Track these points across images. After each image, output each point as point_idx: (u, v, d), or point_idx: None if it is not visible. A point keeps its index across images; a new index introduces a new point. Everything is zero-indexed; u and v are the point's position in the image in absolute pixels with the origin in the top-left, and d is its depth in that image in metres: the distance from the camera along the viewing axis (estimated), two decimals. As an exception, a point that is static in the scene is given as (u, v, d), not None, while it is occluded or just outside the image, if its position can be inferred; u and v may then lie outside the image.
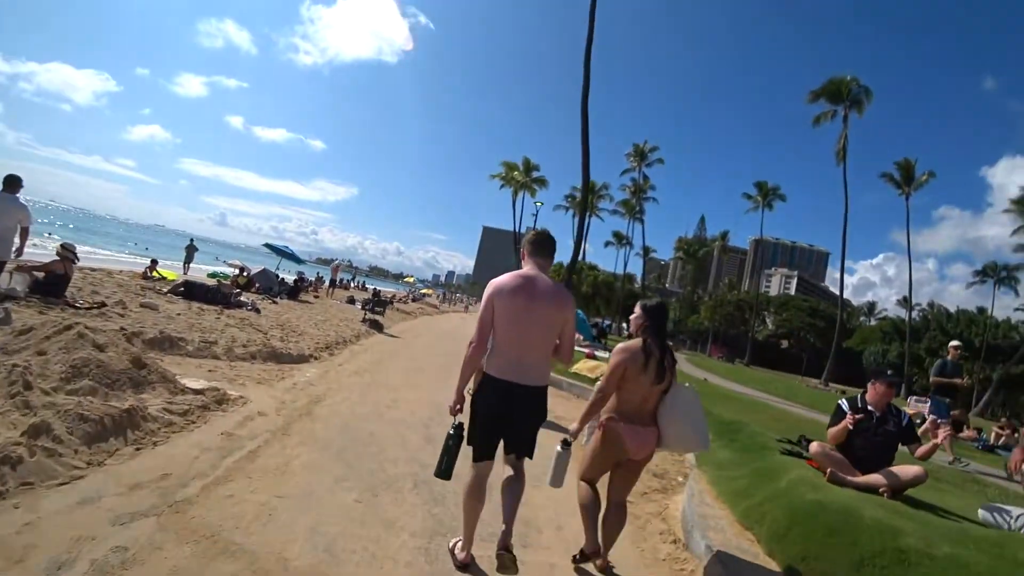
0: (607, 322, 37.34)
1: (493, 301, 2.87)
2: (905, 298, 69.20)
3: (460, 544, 2.98)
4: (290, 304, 16.52)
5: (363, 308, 15.95)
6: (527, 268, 3.00)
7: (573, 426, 3.21)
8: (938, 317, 59.84)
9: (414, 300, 41.03)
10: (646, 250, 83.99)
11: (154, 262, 15.19)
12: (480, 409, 2.94)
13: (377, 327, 15.07)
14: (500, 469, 3.06)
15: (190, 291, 11.30)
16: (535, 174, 52.81)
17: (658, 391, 3.16)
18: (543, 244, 3.06)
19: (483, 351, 2.90)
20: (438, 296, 58.98)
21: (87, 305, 7.77)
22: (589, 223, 63.57)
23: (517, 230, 53.55)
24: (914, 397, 15.94)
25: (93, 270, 13.45)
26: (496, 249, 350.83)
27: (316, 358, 8.54)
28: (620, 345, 3.22)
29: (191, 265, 22.72)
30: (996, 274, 55.07)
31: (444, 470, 2.91)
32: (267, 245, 21.08)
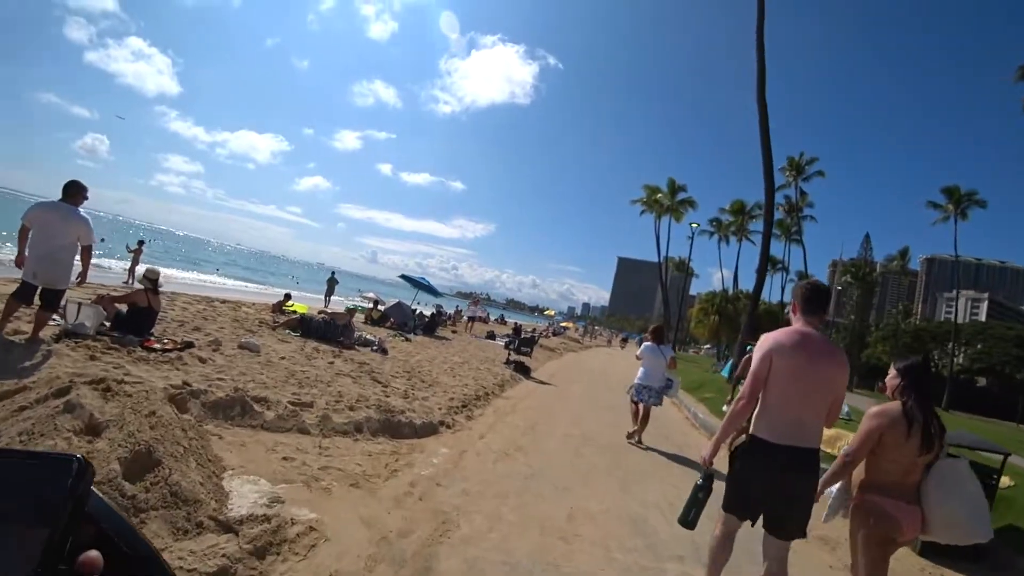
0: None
1: (772, 357, 2.69)
2: None
3: None
4: (425, 341, 14.64)
5: (507, 347, 13.59)
6: (800, 324, 2.81)
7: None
8: None
9: (555, 335, 38.58)
10: (802, 276, 75.00)
11: (287, 296, 14.06)
12: (745, 474, 2.75)
13: (523, 371, 12.58)
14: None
15: (307, 327, 9.58)
16: (681, 195, 48.57)
17: (923, 463, 2.75)
18: (818, 300, 2.85)
19: (753, 407, 2.75)
20: (579, 330, 56.05)
21: (168, 346, 6.01)
22: (740, 245, 57.60)
23: (664, 256, 49.49)
24: None
25: (224, 302, 12.48)
26: (631, 280, 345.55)
27: (448, 426, 6.07)
28: (875, 408, 2.86)
29: (332, 298, 22.15)
30: None
31: (690, 520, 2.85)
32: (403, 276, 19.78)
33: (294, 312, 11.67)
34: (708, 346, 73.11)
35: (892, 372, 2.98)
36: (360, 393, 6.06)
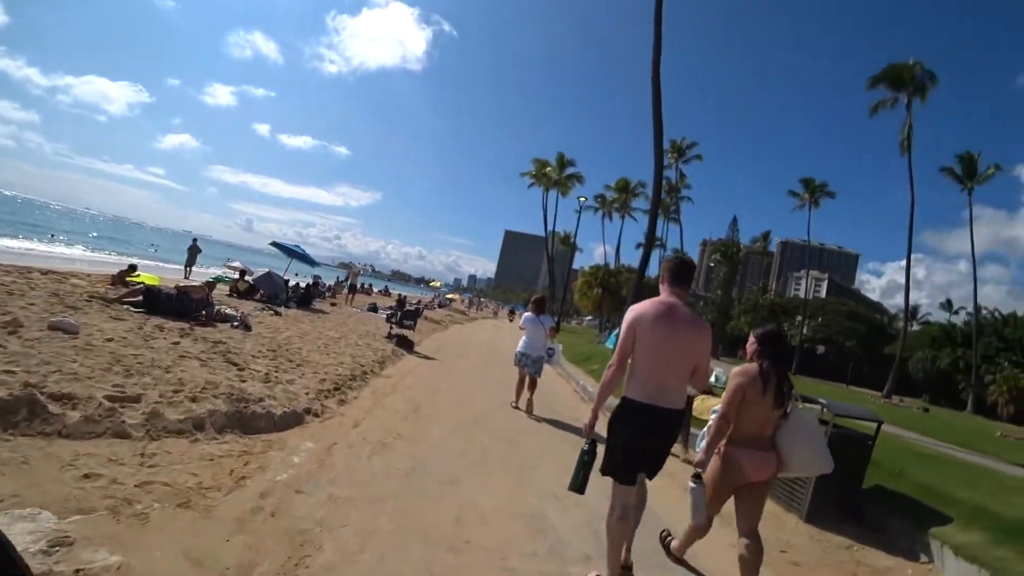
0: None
1: (635, 328, 2.89)
2: (950, 301, 66.18)
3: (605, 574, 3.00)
4: (298, 315, 13.41)
5: (389, 320, 12.78)
6: (666, 296, 3.01)
7: (698, 457, 3.18)
8: (994, 322, 55.39)
9: (440, 306, 37.92)
10: (677, 252, 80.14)
11: (132, 266, 12.14)
12: (622, 434, 2.95)
13: (406, 345, 11.86)
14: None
15: (153, 302, 8.20)
16: (570, 170, 49.36)
17: (776, 416, 3.18)
18: (684, 273, 3.05)
19: (622, 374, 2.97)
20: (465, 302, 55.79)
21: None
22: (623, 221, 60.02)
23: (552, 230, 50.18)
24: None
25: (46, 273, 10.47)
26: (518, 253, 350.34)
27: (316, 414, 5.28)
28: (737, 368, 3.22)
29: (193, 268, 19.85)
30: None
31: (580, 484, 3.02)
32: (275, 244, 18.05)
33: (139, 284, 10.03)
34: (590, 318, 76.12)
35: (751, 339, 3.38)
36: (208, 379, 5.10)
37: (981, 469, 8.06)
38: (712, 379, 11.51)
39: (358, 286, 25.18)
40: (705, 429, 3.36)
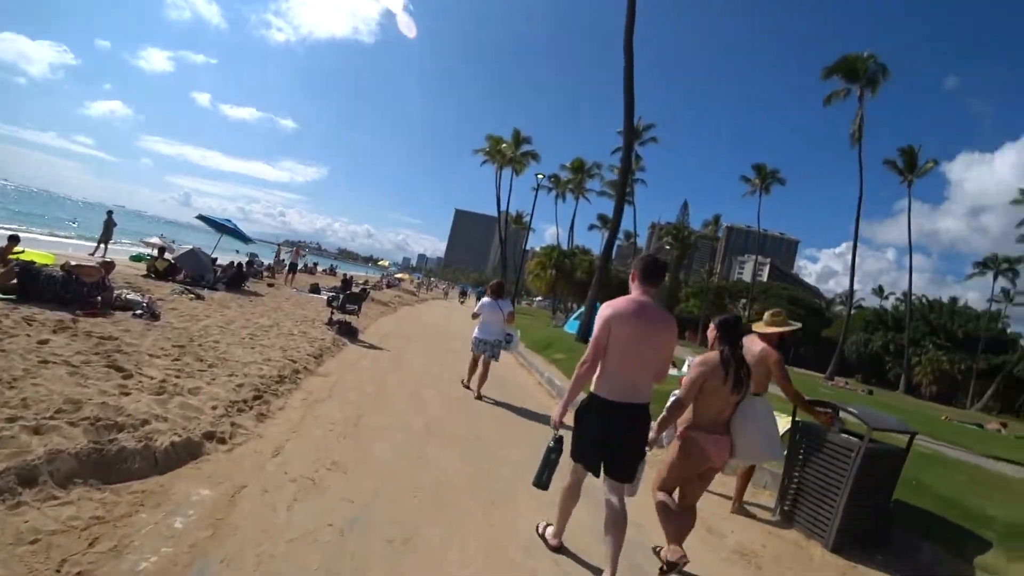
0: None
1: (611, 325, 2.93)
2: (881, 287, 70.87)
3: (552, 531, 3.25)
4: (226, 298, 11.84)
5: (330, 305, 11.38)
6: (638, 294, 3.05)
7: (651, 435, 3.17)
8: (921, 308, 58.75)
9: (389, 287, 36.30)
10: (628, 235, 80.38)
11: (13, 238, 10.25)
12: (589, 429, 3.04)
13: (349, 333, 10.55)
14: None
15: (29, 286, 6.64)
16: (525, 147, 47.94)
17: (733, 402, 3.33)
18: (655, 272, 3.09)
19: (595, 371, 3.01)
20: (414, 282, 53.99)
21: None
22: (577, 202, 59.37)
23: (506, 209, 48.87)
24: None
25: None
26: (468, 232, 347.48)
27: (223, 439, 3.98)
28: (699, 358, 3.36)
29: (109, 245, 17.64)
30: (996, 266, 54.56)
31: (544, 482, 3.13)
32: (202, 217, 16.12)
33: (18, 262, 8.33)
34: (540, 299, 75.70)
35: (711, 326, 3.42)
36: (72, 395, 3.76)
37: (976, 469, 7.56)
38: (685, 367, 10.77)
39: (299, 265, 23.31)
40: (664, 412, 3.41)
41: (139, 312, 7.44)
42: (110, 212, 17.73)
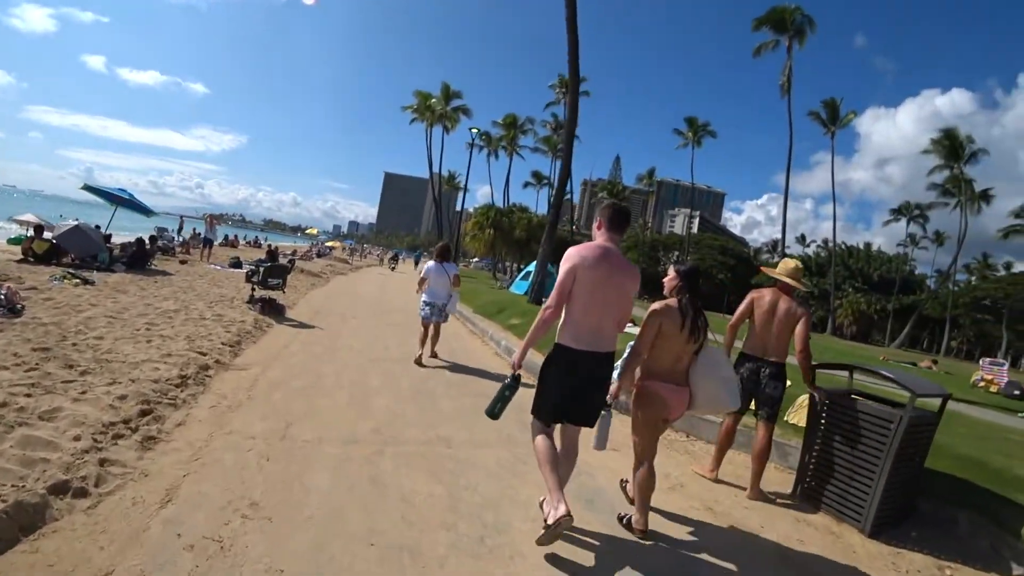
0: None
1: (576, 270, 2.90)
2: (803, 235, 74.82)
3: (553, 500, 2.82)
4: (124, 280, 10.10)
5: (249, 280, 9.86)
6: (602, 240, 3.04)
7: (612, 388, 3.16)
8: (840, 254, 62.17)
9: (319, 256, 34.16)
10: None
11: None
12: (553, 380, 3.00)
13: (274, 311, 9.16)
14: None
15: None
16: (456, 102, 45.63)
17: (690, 351, 3.24)
18: (620, 219, 3.10)
19: (559, 316, 2.97)
20: (346, 249, 51.47)
21: None
22: (511, 159, 57.90)
23: (439, 169, 46.74)
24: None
25: None
26: (399, 196, 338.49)
27: (84, 491, 2.72)
28: (656, 305, 3.25)
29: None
30: (909, 213, 58.09)
31: (496, 413, 3.13)
32: (88, 187, 13.82)
33: None
34: (477, 260, 74.42)
35: (671, 274, 3.37)
36: None
37: (965, 418, 7.24)
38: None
39: (217, 238, 21.04)
40: (619, 362, 3.31)
41: (-9, 306, 5.85)
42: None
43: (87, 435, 3.29)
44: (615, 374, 3.27)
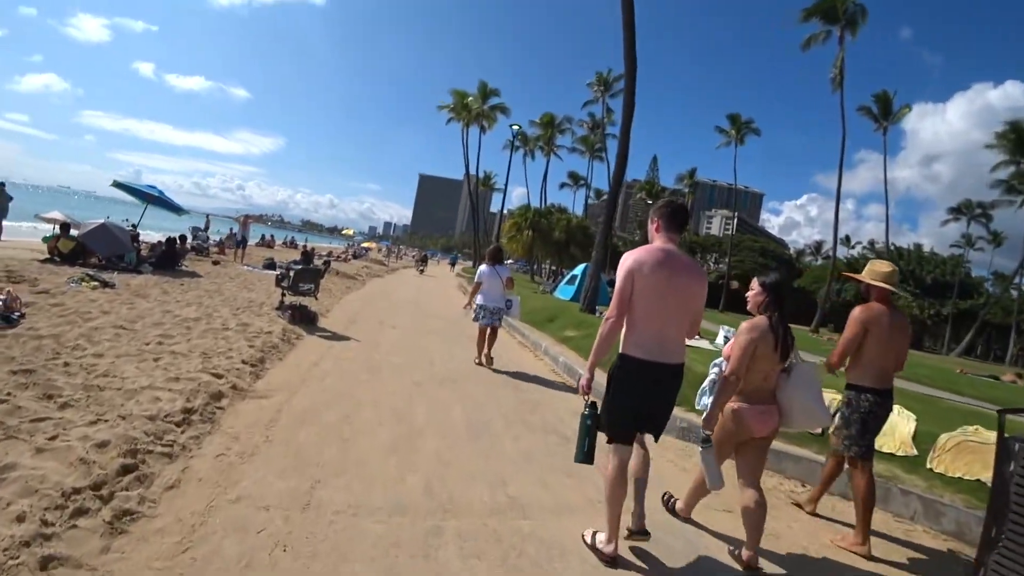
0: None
1: (634, 276, 2.74)
2: (848, 237, 71.35)
3: (604, 537, 2.81)
4: (149, 284, 9.38)
5: (279, 285, 8.99)
6: (661, 241, 2.87)
7: (705, 416, 3.05)
8: (890, 255, 58.97)
9: (355, 257, 33.65)
10: (599, 193, 78.20)
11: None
12: (621, 394, 2.83)
13: (306, 319, 8.26)
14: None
15: None
16: (494, 100, 44.67)
17: (779, 369, 3.10)
18: (678, 217, 2.92)
19: (621, 327, 2.80)
20: (382, 250, 51.04)
21: None
22: (549, 159, 56.81)
23: (476, 169, 45.80)
24: None
25: None
26: (433, 197, 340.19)
27: None
28: (747, 324, 3.07)
29: (3, 223, 14.61)
30: (971, 212, 55.01)
31: (587, 453, 2.86)
32: (118, 185, 13.23)
33: None
34: (511, 261, 73.51)
35: (756, 288, 3.13)
36: None
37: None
38: (720, 339, 8.99)
39: (249, 238, 20.45)
40: (705, 384, 3.29)
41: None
42: (1, 185, 14.75)
43: (35, 513, 2.34)
44: (706, 399, 3.20)
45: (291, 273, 8.64)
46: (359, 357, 6.76)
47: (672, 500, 3.58)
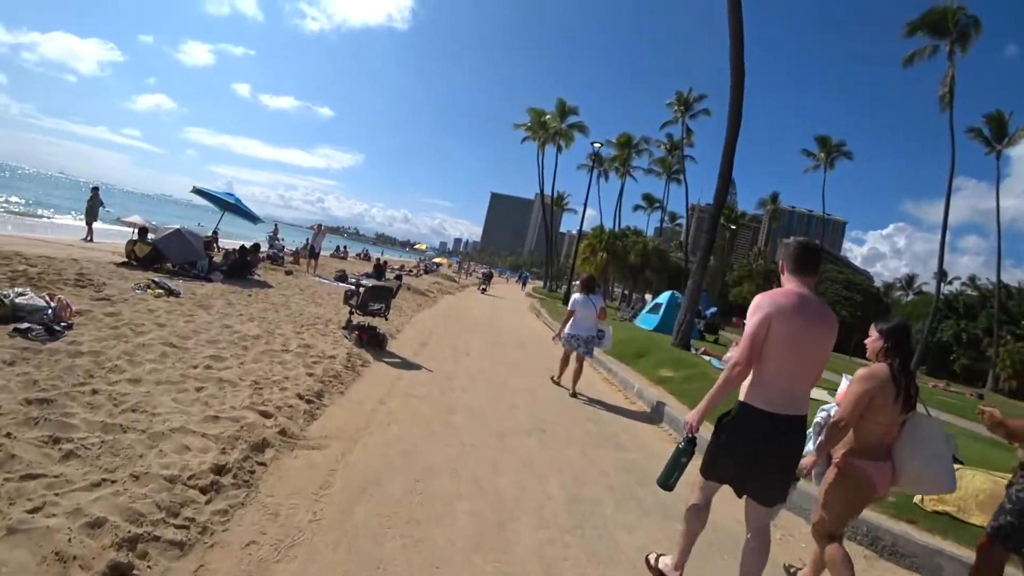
0: (712, 310, 24.79)
1: (771, 321, 2.45)
2: (944, 271, 64.19)
3: (670, 561, 2.79)
4: (216, 293, 8.94)
5: (348, 302, 8.29)
6: (797, 286, 2.58)
7: (806, 460, 2.72)
8: (998, 295, 53.14)
9: (427, 271, 33.42)
10: (673, 216, 75.65)
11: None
12: (735, 444, 2.55)
13: (375, 342, 7.49)
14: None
15: None
16: (572, 119, 43.87)
17: (900, 422, 2.80)
18: (811, 259, 2.62)
19: (747, 375, 2.53)
20: (453, 266, 50.98)
21: None
22: (624, 181, 55.32)
23: (552, 191, 44.88)
24: None
25: None
26: (503, 215, 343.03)
27: None
28: (864, 372, 2.79)
29: (96, 225, 15.00)
30: None
31: (671, 483, 2.71)
32: (197, 191, 13.22)
33: None
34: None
35: (874, 334, 2.90)
36: None
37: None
38: (842, 387, 7.52)
39: (320, 249, 20.29)
40: (811, 429, 2.97)
41: (24, 327, 4.48)
42: (95, 189, 15.14)
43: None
44: (810, 444, 2.94)
45: (360, 291, 7.90)
46: (431, 394, 5.84)
47: (795, 570, 3.23)
